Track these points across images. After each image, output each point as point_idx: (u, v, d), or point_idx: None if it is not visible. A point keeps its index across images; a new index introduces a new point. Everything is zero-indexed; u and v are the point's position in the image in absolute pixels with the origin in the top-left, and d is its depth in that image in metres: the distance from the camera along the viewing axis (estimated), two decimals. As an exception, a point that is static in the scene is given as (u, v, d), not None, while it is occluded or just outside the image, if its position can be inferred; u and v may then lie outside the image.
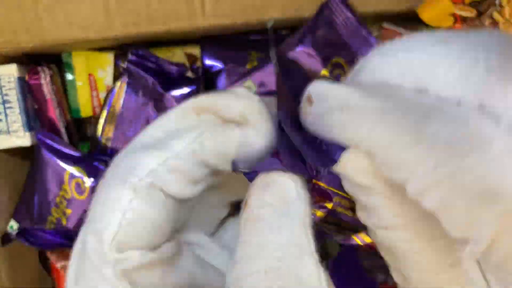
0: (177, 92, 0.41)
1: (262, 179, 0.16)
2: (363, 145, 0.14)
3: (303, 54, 0.40)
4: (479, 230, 0.13)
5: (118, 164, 0.17)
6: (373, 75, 0.16)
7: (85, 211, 0.41)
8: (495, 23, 0.37)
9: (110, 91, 0.42)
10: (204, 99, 0.17)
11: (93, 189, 0.40)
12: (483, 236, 0.13)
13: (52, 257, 0.45)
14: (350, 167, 0.15)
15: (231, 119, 0.17)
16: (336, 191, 0.34)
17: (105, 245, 0.15)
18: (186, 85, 0.41)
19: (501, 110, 0.13)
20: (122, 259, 0.15)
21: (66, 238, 0.42)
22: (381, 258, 0.17)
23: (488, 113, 0.13)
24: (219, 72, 0.44)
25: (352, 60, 0.36)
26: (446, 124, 0.13)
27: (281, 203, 0.16)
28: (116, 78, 0.44)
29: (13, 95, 0.41)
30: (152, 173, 0.16)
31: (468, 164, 0.12)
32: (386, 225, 0.16)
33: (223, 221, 0.22)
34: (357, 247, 0.33)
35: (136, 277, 0.16)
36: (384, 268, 0.27)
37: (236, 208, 0.21)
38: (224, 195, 0.21)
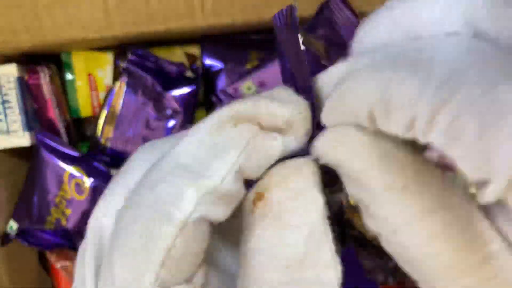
0: (176, 92, 0.41)
1: (281, 170, 0.15)
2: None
3: (303, 54, 0.40)
4: None
5: (153, 187, 0.15)
6: (361, 44, 0.16)
7: (85, 212, 0.41)
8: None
9: (109, 91, 0.42)
10: (245, 107, 0.15)
11: (92, 189, 0.40)
12: None
13: (51, 257, 0.45)
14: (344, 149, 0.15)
15: (273, 127, 0.16)
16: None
17: (146, 284, 0.14)
18: (186, 85, 0.41)
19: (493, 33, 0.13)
20: None
21: (66, 238, 0.42)
22: (381, 258, 0.17)
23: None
24: (219, 72, 0.44)
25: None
26: None
27: (300, 195, 0.15)
28: (115, 78, 0.44)
29: (13, 95, 0.41)
30: (198, 206, 0.14)
31: None
32: (394, 228, 0.14)
33: None
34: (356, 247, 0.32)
35: None
36: (384, 268, 0.27)
37: None
38: None
